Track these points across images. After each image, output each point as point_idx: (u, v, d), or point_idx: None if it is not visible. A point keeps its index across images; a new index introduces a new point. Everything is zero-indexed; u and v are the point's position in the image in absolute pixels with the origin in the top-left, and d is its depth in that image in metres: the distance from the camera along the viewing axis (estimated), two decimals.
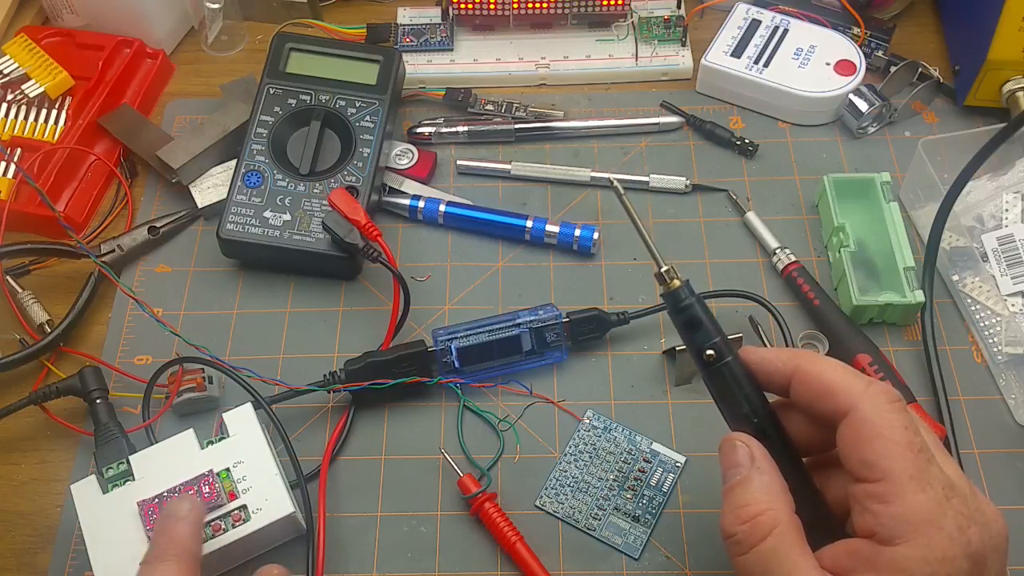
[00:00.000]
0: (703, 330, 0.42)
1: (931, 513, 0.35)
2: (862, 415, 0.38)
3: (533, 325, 0.56)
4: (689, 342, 0.43)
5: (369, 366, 0.55)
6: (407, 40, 0.72)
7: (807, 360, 0.41)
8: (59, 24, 0.74)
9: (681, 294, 0.43)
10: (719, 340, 0.42)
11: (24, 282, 0.62)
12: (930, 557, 0.35)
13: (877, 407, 0.38)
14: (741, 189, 0.65)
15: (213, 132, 0.65)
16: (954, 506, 0.36)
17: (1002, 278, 0.58)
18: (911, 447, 0.37)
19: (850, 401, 0.38)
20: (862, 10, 0.70)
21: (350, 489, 0.54)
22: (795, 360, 0.41)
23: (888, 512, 0.36)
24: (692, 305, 0.42)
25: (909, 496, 0.36)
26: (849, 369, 0.40)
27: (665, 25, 0.71)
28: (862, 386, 0.39)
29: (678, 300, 0.43)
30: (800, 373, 0.40)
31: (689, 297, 0.43)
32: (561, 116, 0.68)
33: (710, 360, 0.42)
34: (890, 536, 0.36)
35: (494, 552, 0.51)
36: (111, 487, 0.49)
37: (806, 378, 0.40)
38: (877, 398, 0.38)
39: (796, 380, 0.41)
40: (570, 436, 0.55)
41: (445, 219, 0.64)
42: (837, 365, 0.40)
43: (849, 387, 0.39)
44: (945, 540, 0.35)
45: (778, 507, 0.38)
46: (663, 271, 0.43)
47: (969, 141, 0.60)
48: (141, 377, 0.56)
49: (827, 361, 0.41)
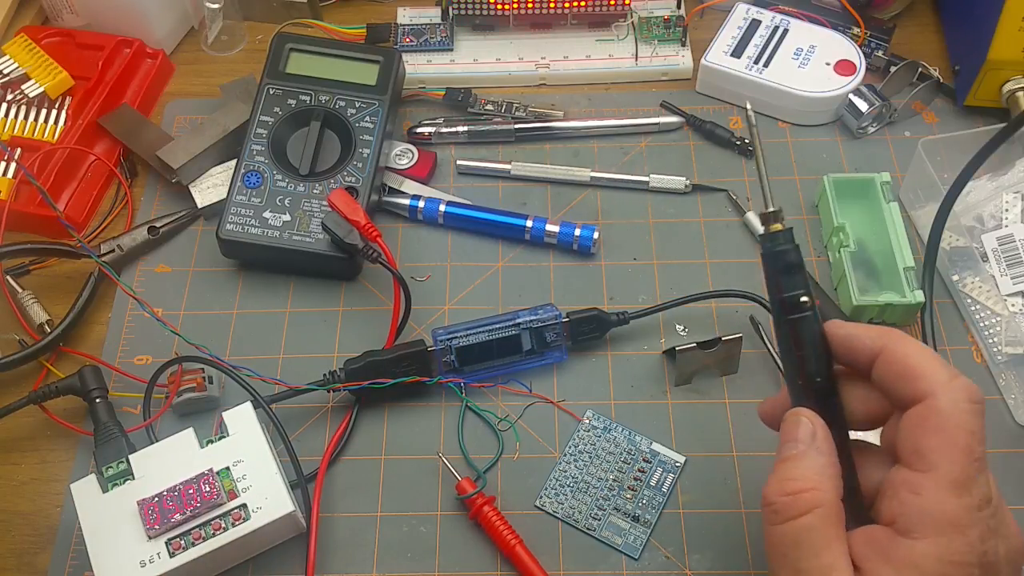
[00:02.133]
0: (798, 277, 0.42)
1: (960, 518, 0.36)
2: (937, 405, 0.37)
3: (533, 325, 0.56)
4: (776, 287, 0.42)
5: (369, 366, 0.55)
6: (407, 40, 0.72)
7: (895, 340, 0.40)
8: (59, 24, 0.74)
9: (783, 236, 0.42)
10: (809, 291, 0.42)
11: (24, 282, 0.62)
12: (945, 558, 0.35)
13: (955, 402, 0.37)
14: (741, 189, 0.65)
15: (213, 132, 0.65)
16: (984, 518, 0.36)
17: (1002, 278, 0.58)
18: (969, 452, 0.36)
19: (931, 389, 0.38)
20: (862, 10, 0.70)
21: (350, 489, 0.54)
22: (884, 339, 0.40)
23: (916, 503, 0.36)
24: (791, 251, 0.42)
25: (944, 495, 0.36)
26: (937, 357, 0.39)
27: (665, 25, 0.71)
28: (946, 377, 0.38)
29: (777, 243, 0.42)
30: (887, 352, 0.40)
31: (791, 242, 0.42)
32: (561, 116, 0.68)
33: (801, 306, 0.41)
34: (910, 527, 0.36)
35: (494, 552, 0.51)
36: (111, 486, 0.49)
37: (892, 357, 0.39)
38: (958, 393, 0.37)
39: (882, 358, 0.40)
40: (570, 436, 0.55)
41: (445, 219, 0.64)
42: (925, 350, 0.40)
43: (934, 375, 0.38)
44: (965, 546, 0.35)
45: (826, 489, 0.38)
46: (771, 211, 0.42)
47: (969, 141, 0.60)
48: (141, 377, 0.56)
49: (915, 344, 0.40)
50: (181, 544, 0.47)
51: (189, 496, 0.47)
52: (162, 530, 0.47)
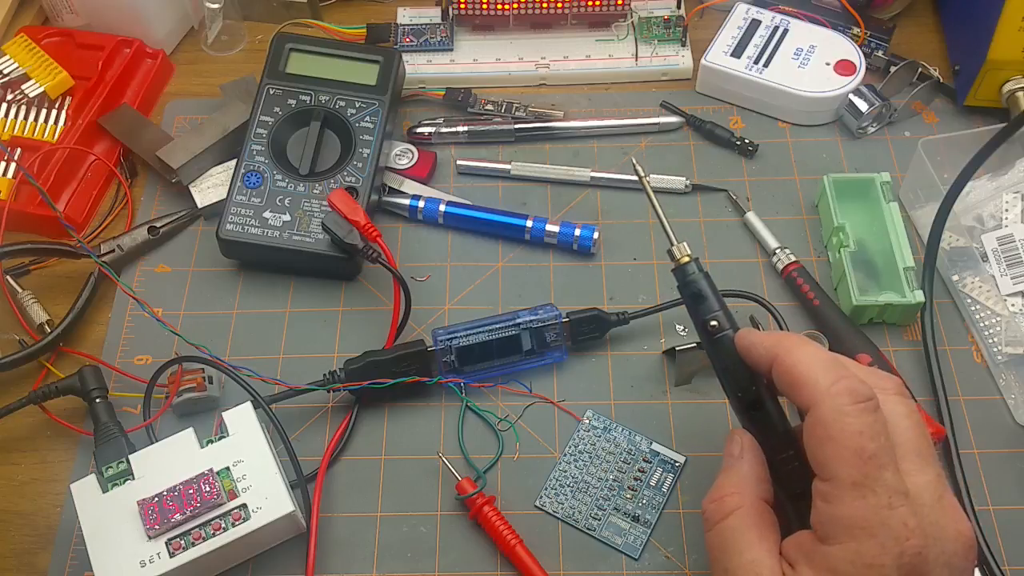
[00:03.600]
0: (706, 303, 0.45)
1: (866, 520, 0.36)
2: (819, 415, 0.38)
3: (533, 325, 0.56)
4: (694, 314, 0.45)
5: (369, 365, 0.55)
6: (407, 40, 0.72)
7: (784, 349, 0.40)
8: (59, 24, 0.74)
9: (688, 269, 0.46)
10: (720, 312, 0.44)
11: (24, 282, 0.62)
12: (858, 561, 0.36)
13: (836, 408, 0.37)
14: (741, 189, 0.65)
15: (213, 132, 0.65)
16: (898, 515, 0.36)
17: (1002, 278, 0.58)
18: (860, 453, 0.36)
19: (813, 398, 0.38)
20: (862, 10, 0.70)
21: (350, 489, 0.54)
22: (776, 348, 0.41)
23: (828, 511, 0.37)
24: (698, 280, 0.45)
25: (847, 500, 0.36)
26: (822, 362, 0.39)
27: (665, 25, 0.71)
28: (827, 383, 0.38)
29: (685, 274, 0.46)
30: (778, 362, 0.40)
31: (696, 272, 0.45)
32: (561, 116, 0.68)
33: (712, 331, 0.44)
34: (826, 535, 0.37)
35: (494, 552, 0.51)
36: (111, 486, 0.49)
37: (780, 368, 0.40)
38: (839, 398, 0.37)
39: (775, 369, 0.41)
40: (570, 436, 0.55)
41: (445, 219, 0.64)
42: (812, 357, 0.39)
43: (815, 384, 0.38)
44: (876, 548, 0.36)
45: (745, 492, 0.41)
46: (673, 247, 0.46)
47: (969, 141, 0.60)
48: (141, 377, 0.56)
49: (803, 351, 0.40)
50: (181, 544, 0.47)
51: (189, 496, 0.47)
52: (162, 530, 0.47)
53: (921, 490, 0.37)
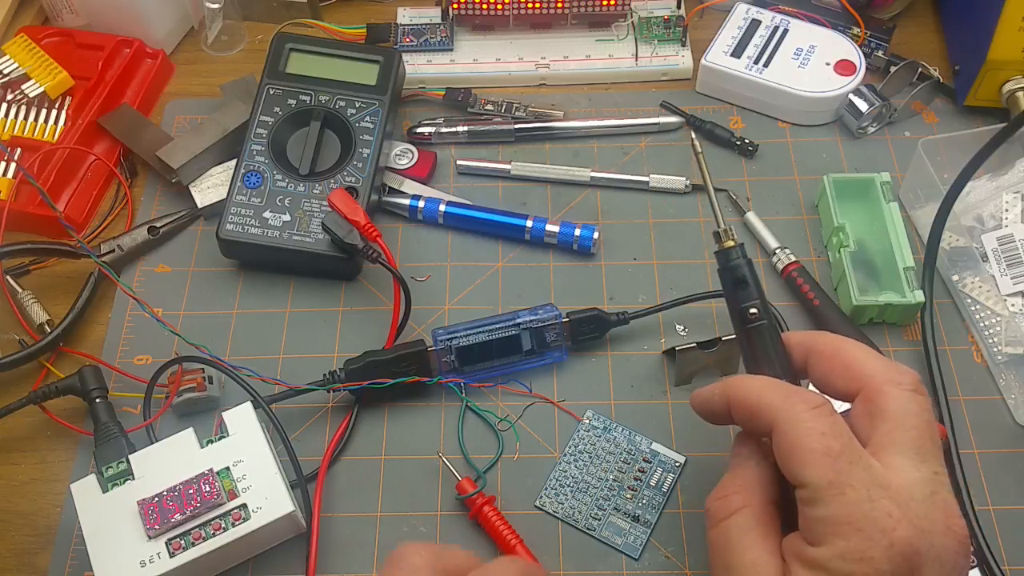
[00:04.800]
0: (747, 290, 0.45)
1: (850, 516, 0.36)
2: (781, 430, 0.39)
3: (533, 325, 0.56)
4: (732, 300, 0.45)
5: (369, 365, 0.55)
6: (407, 40, 0.72)
7: (733, 387, 0.42)
8: (59, 24, 0.74)
9: (733, 254, 0.45)
10: (759, 301, 0.44)
11: (24, 282, 0.62)
12: (848, 556, 0.36)
13: (793, 418, 0.38)
14: (741, 189, 0.65)
15: (213, 132, 0.65)
16: (881, 507, 0.36)
17: (1002, 278, 0.58)
18: (828, 453, 0.37)
19: (771, 418, 0.39)
20: (862, 10, 0.70)
21: (350, 489, 0.54)
22: (725, 390, 0.42)
23: (812, 514, 0.37)
24: (741, 266, 0.45)
25: (827, 500, 0.37)
26: (770, 384, 0.41)
27: (665, 25, 0.71)
28: (780, 400, 0.39)
29: (729, 258, 0.45)
30: (732, 403, 0.42)
31: (740, 258, 0.45)
32: (561, 116, 0.68)
33: (752, 319, 0.44)
34: (814, 537, 0.37)
35: (494, 552, 0.51)
36: (111, 486, 0.49)
37: (738, 406, 0.42)
38: (794, 409, 0.39)
39: (732, 408, 0.42)
40: (570, 436, 0.55)
41: (445, 219, 0.64)
42: (760, 384, 0.41)
43: (770, 405, 0.40)
44: (864, 541, 0.36)
45: (750, 492, 0.41)
46: (720, 230, 0.46)
47: (969, 141, 0.60)
48: (141, 377, 0.56)
49: (750, 381, 0.42)
50: (181, 544, 0.47)
51: (189, 496, 0.47)
52: (162, 530, 0.47)
53: (911, 485, 0.37)
